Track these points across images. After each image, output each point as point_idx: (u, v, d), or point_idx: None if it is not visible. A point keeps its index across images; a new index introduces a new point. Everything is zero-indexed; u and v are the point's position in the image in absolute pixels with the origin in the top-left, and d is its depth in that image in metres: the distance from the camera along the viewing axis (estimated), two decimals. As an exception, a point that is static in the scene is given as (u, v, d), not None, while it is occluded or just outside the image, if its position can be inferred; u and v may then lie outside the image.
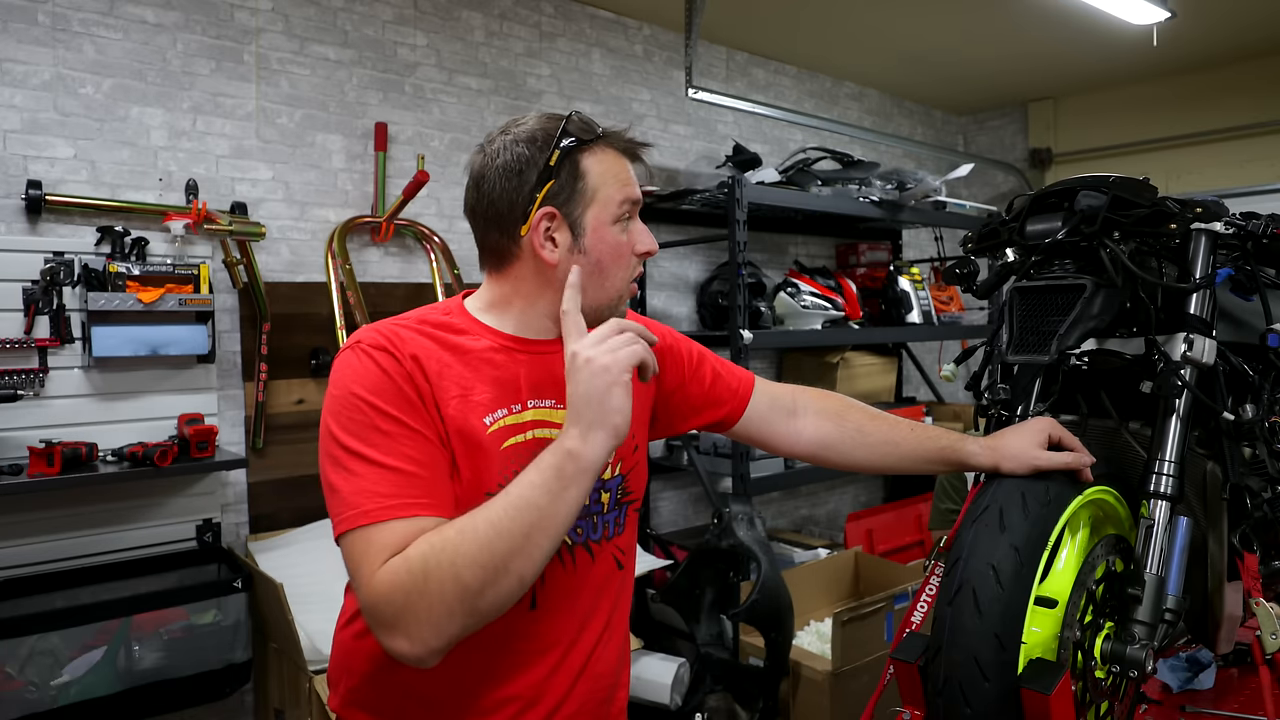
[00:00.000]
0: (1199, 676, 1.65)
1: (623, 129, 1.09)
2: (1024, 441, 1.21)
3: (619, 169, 1.07)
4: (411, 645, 0.87)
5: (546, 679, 1.07)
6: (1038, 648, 1.11)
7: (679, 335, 1.32)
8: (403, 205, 2.88)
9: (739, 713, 2.30)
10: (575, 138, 1.04)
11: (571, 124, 1.04)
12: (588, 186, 1.04)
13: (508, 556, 0.87)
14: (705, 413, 1.31)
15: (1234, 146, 4.52)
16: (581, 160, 1.04)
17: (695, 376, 1.29)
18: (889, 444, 1.32)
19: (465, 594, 0.86)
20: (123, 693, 2.16)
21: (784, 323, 3.60)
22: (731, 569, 2.39)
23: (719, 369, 1.32)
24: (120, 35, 2.50)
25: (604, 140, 1.07)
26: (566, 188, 1.03)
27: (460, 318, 1.09)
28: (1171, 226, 1.27)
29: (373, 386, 0.97)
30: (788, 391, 1.37)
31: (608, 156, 1.06)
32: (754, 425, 1.33)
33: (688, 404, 1.29)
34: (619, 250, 1.07)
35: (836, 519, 4.55)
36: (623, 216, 1.07)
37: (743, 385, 1.33)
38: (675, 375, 1.28)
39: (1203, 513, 1.32)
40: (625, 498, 1.15)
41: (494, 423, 1.03)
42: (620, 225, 1.07)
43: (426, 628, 0.86)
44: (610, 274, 1.07)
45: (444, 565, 0.86)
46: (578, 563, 1.09)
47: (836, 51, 4.29)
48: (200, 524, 2.61)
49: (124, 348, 2.37)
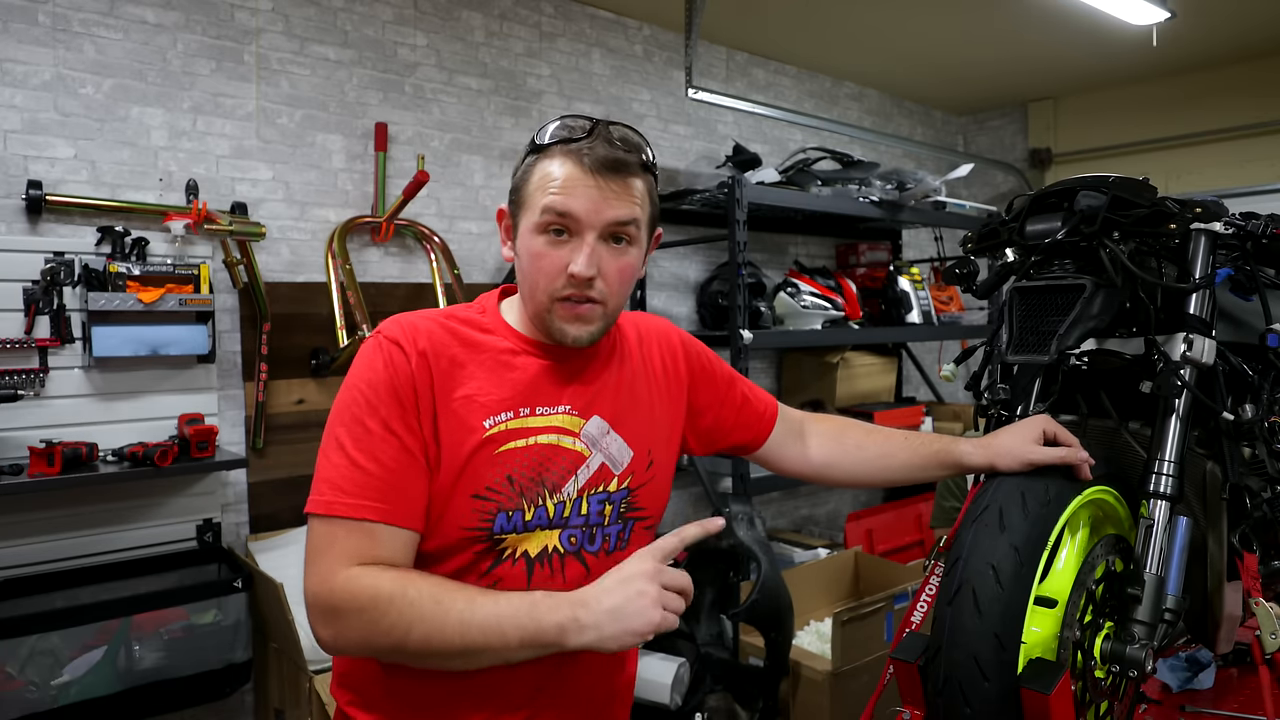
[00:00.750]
0: (1199, 676, 1.65)
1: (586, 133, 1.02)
2: (1018, 438, 1.22)
3: (557, 175, 1.01)
4: (333, 642, 0.96)
5: (529, 685, 1.06)
6: (1038, 647, 1.11)
7: (712, 355, 1.31)
8: (403, 205, 2.88)
9: (739, 713, 2.30)
10: (533, 145, 1.06)
11: (539, 132, 1.06)
12: (526, 192, 1.05)
13: (454, 655, 0.93)
14: (733, 436, 1.32)
15: (1234, 146, 4.52)
16: (534, 167, 1.04)
17: (727, 400, 1.30)
18: (885, 456, 1.34)
19: (402, 649, 0.93)
20: (123, 693, 2.16)
21: (784, 323, 3.60)
22: (731, 569, 2.38)
23: (748, 394, 1.33)
24: (120, 35, 2.51)
25: (559, 147, 1.02)
26: (515, 191, 1.07)
27: (490, 317, 1.12)
28: (1171, 226, 1.27)
29: (372, 381, 1.01)
30: (796, 414, 1.39)
31: (554, 164, 1.02)
32: (772, 450, 1.35)
33: (719, 428, 1.30)
34: (537, 260, 1.03)
35: (836, 519, 4.55)
36: (548, 226, 1.01)
37: (769, 410, 1.34)
38: (710, 399, 1.28)
39: (1202, 512, 1.32)
40: (631, 513, 1.13)
41: (494, 425, 1.03)
42: (546, 236, 1.02)
43: (354, 641, 0.95)
44: (533, 282, 1.05)
45: (403, 620, 0.92)
46: (568, 573, 1.07)
47: (836, 51, 4.29)
48: (200, 524, 2.61)
49: (124, 348, 2.37)
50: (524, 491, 1.04)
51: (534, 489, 1.04)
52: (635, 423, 1.14)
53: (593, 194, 1.00)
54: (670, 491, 1.22)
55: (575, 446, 1.08)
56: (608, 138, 1.02)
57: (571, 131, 1.03)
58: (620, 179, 1.02)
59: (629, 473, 1.12)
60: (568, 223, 1.01)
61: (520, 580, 1.05)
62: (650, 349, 1.22)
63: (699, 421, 1.27)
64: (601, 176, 1.01)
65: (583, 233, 1.01)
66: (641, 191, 1.05)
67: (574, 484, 1.07)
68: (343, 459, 0.98)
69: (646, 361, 1.21)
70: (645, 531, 1.16)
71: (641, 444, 1.14)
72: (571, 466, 1.07)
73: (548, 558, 1.06)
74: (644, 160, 1.06)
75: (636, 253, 1.07)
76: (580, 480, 1.08)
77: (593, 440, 1.09)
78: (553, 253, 1.02)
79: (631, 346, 1.20)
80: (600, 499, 1.09)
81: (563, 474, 1.06)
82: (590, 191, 1.00)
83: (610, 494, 1.10)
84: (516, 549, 1.05)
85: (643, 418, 1.16)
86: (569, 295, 1.03)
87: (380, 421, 0.99)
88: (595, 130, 1.02)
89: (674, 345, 1.26)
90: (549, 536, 1.06)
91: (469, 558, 1.03)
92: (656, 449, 1.16)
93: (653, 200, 1.09)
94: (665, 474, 1.19)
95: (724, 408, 1.29)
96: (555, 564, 1.07)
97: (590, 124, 1.03)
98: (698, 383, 1.26)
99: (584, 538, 1.09)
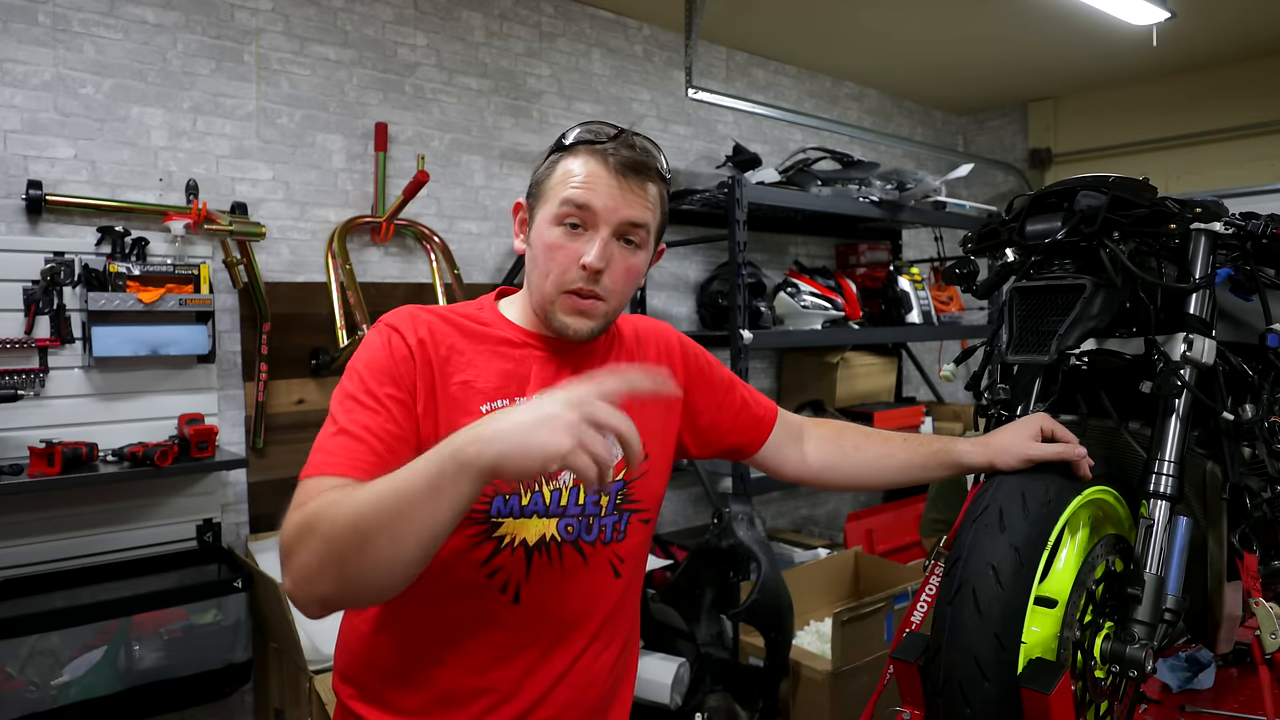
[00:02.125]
0: (1199, 676, 1.65)
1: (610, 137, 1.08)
2: (1017, 435, 1.23)
3: (579, 172, 1.06)
4: (291, 588, 0.88)
5: (523, 676, 1.08)
6: (1038, 647, 1.11)
7: (712, 359, 1.33)
8: (403, 205, 2.88)
9: (739, 713, 2.30)
10: (559, 144, 1.11)
11: (565, 134, 1.11)
12: (547, 186, 1.09)
13: (374, 531, 0.84)
14: (731, 438, 1.33)
15: (1234, 146, 4.52)
16: (557, 165, 1.09)
17: (726, 403, 1.31)
18: (884, 456, 1.34)
19: (331, 554, 0.85)
20: (123, 693, 2.16)
21: (784, 323, 3.60)
22: (731, 569, 2.38)
23: (746, 397, 1.34)
24: (120, 35, 2.51)
25: (583, 147, 1.08)
26: (536, 185, 1.12)
27: (489, 312, 1.16)
28: (1171, 226, 1.27)
29: (369, 361, 1.04)
30: (795, 418, 1.40)
31: (577, 162, 1.07)
32: (770, 453, 1.35)
33: (716, 429, 1.31)
34: (550, 249, 1.07)
35: (836, 519, 4.55)
36: (565, 218, 1.06)
37: (767, 414, 1.35)
38: (707, 401, 1.29)
39: (1202, 512, 1.32)
40: (627, 505, 1.15)
41: (491, 410, 1.06)
42: (563, 228, 1.06)
43: (300, 575, 0.87)
44: (543, 270, 1.08)
45: (324, 520, 0.86)
46: (565, 563, 1.09)
47: (836, 51, 4.29)
48: (200, 524, 2.61)
49: (124, 348, 2.37)
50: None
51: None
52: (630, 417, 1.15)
53: (613, 191, 1.06)
54: (666, 488, 1.24)
55: None
56: (630, 143, 1.08)
57: (596, 135, 1.08)
58: (639, 181, 1.08)
59: (624, 465, 1.13)
60: (585, 215, 1.06)
61: (520, 569, 1.07)
62: (647, 349, 1.25)
63: (696, 422, 1.29)
64: (622, 176, 1.06)
65: (598, 227, 1.06)
66: (655, 197, 1.11)
67: (569, 472, 1.08)
68: (334, 430, 0.99)
69: (645, 360, 1.23)
70: (642, 525, 1.18)
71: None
72: None
73: (545, 546, 1.08)
74: (661, 169, 1.11)
75: (644, 256, 1.12)
76: None
77: None
78: (568, 244, 1.06)
79: (629, 345, 1.23)
80: (595, 488, 1.11)
81: None
82: (611, 189, 1.06)
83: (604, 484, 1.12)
84: (515, 538, 1.06)
85: (636, 414, 1.17)
86: (577, 289, 1.07)
87: (372, 396, 1.01)
88: (620, 136, 1.08)
89: (672, 346, 1.28)
90: (546, 525, 1.08)
91: (465, 541, 1.04)
92: (651, 444, 1.18)
93: (663, 210, 1.14)
94: (660, 470, 1.21)
95: (722, 410, 1.30)
96: (553, 552, 1.09)
97: (616, 130, 1.09)
98: (695, 384, 1.28)
99: (581, 527, 1.11)
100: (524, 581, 1.07)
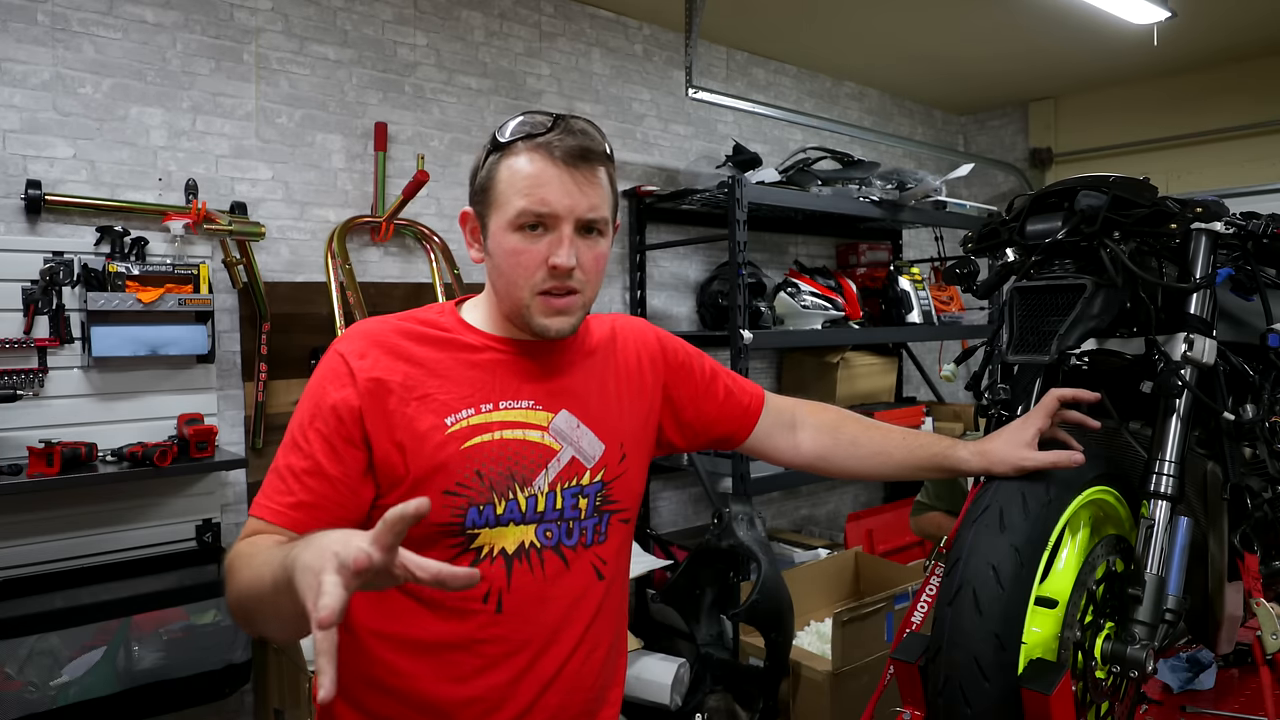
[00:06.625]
0: (1199, 677, 1.65)
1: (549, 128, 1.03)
2: (1011, 444, 1.21)
3: (527, 172, 1.02)
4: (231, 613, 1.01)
5: (511, 684, 1.07)
6: (1038, 648, 1.11)
7: (692, 350, 1.32)
8: (402, 205, 2.88)
9: (739, 713, 2.30)
10: (495, 142, 1.06)
11: (499, 130, 1.06)
12: (496, 191, 1.05)
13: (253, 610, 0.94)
14: (717, 428, 1.32)
15: (1234, 146, 4.52)
16: (499, 165, 1.05)
17: (709, 394, 1.30)
18: (882, 454, 1.33)
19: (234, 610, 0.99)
20: (122, 693, 2.16)
21: (784, 323, 3.59)
22: (731, 569, 2.38)
23: (730, 386, 1.33)
24: (120, 35, 2.50)
25: (524, 143, 1.03)
26: (482, 191, 1.07)
27: (449, 318, 1.14)
28: (1171, 226, 1.27)
29: (316, 407, 1.04)
30: (788, 405, 1.38)
31: (521, 160, 1.03)
32: (759, 440, 1.35)
33: (700, 421, 1.30)
34: (515, 257, 1.04)
35: (836, 519, 4.55)
36: (523, 224, 1.03)
37: (754, 402, 1.34)
38: (690, 393, 1.28)
39: (1203, 513, 1.32)
40: (607, 506, 1.14)
41: (456, 423, 1.05)
42: (522, 233, 1.04)
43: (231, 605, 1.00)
44: (510, 279, 1.06)
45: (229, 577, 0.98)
46: (547, 568, 1.08)
47: (836, 51, 4.29)
48: (200, 524, 2.60)
49: (123, 348, 2.36)
50: (494, 485, 1.05)
51: (504, 483, 1.06)
52: (605, 417, 1.16)
53: (567, 186, 1.03)
54: (644, 486, 1.24)
55: (544, 440, 1.09)
56: (571, 129, 1.04)
57: (534, 127, 1.04)
58: (589, 167, 1.05)
59: (601, 465, 1.14)
60: (544, 218, 1.03)
61: (501, 578, 1.06)
62: (626, 346, 1.24)
63: (681, 415, 1.28)
64: (573, 168, 1.03)
65: (559, 225, 1.04)
66: (606, 180, 1.08)
67: (544, 478, 1.09)
68: (281, 469, 1.03)
69: (619, 357, 1.22)
70: (622, 525, 1.17)
71: (613, 438, 1.16)
72: (541, 460, 1.09)
73: (525, 554, 1.07)
74: (606, 150, 1.08)
75: (606, 242, 1.11)
76: (551, 474, 1.09)
77: (562, 434, 1.11)
78: (530, 248, 1.04)
79: (603, 343, 1.22)
80: (574, 492, 1.11)
81: (532, 467, 1.08)
82: (564, 185, 1.03)
83: (584, 487, 1.12)
84: (494, 547, 1.06)
85: (612, 412, 1.18)
86: (550, 289, 1.05)
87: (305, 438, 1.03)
88: (557, 123, 1.04)
89: (649, 342, 1.27)
90: (524, 532, 1.07)
91: (442, 555, 1.03)
92: (629, 443, 1.18)
93: (615, 190, 1.12)
94: (638, 468, 1.20)
95: (705, 401, 1.30)
96: (534, 559, 1.08)
97: (551, 118, 1.05)
98: (676, 377, 1.27)
99: (560, 532, 1.10)
100: (505, 590, 1.06)
